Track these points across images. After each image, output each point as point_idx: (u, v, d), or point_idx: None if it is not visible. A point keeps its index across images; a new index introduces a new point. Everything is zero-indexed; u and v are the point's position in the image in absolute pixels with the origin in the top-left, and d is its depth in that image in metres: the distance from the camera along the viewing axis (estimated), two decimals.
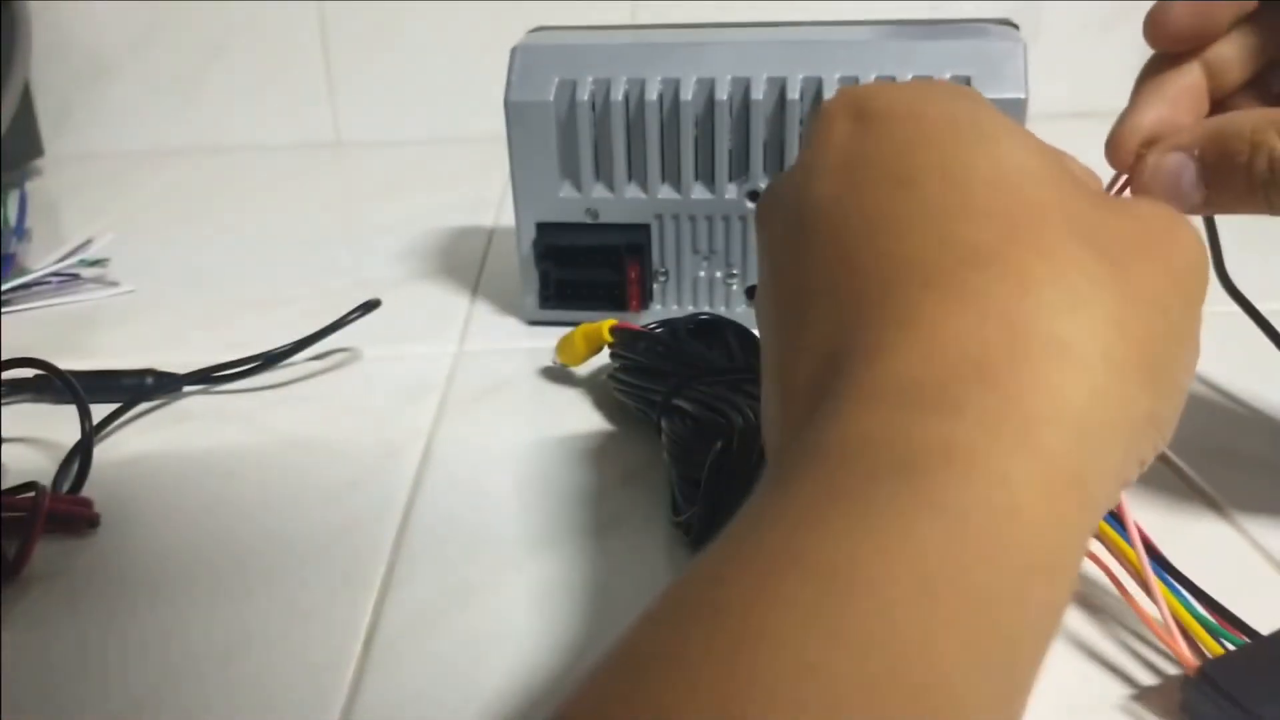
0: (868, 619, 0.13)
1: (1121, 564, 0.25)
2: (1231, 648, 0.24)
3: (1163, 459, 0.34)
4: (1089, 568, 0.26)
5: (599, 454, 0.36)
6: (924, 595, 0.13)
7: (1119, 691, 0.25)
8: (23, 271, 0.54)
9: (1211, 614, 0.25)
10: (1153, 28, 0.27)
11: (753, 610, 0.13)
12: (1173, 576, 0.26)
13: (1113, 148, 0.27)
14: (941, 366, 0.16)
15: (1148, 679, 0.25)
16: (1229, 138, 0.24)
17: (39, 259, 0.56)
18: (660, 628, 0.14)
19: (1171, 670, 0.25)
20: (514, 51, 0.44)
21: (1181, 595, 0.25)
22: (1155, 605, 0.24)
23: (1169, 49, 0.27)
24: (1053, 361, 0.16)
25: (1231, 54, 0.27)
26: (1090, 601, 0.27)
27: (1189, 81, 0.27)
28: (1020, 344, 0.16)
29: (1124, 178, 0.27)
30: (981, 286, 0.17)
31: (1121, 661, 0.26)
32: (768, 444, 0.21)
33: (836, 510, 0.14)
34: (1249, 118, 0.24)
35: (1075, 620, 0.27)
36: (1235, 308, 0.35)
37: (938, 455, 0.15)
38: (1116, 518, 0.24)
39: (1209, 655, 0.24)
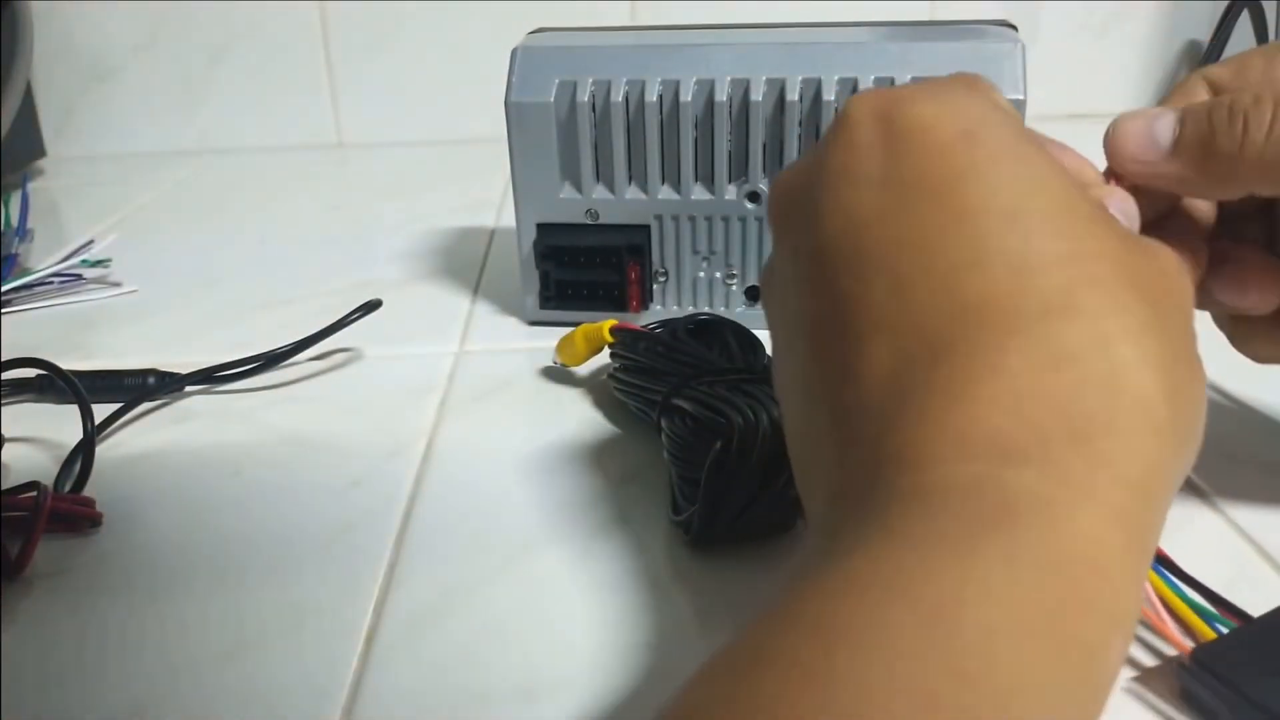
0: (972, 656, 0.14)
1: None
2: (1225, 632, 0.24)
3: None
4: None
5: (599, 454, 0.36)
6: (1025, 639, 0.14)
7: (1122, 673, 0.25)
8: (25, 272, 0.54)
9: (1205, 600, 0.25)
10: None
11: (866, 633, 0.14)
12: (1164, 565, 0.26)
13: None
14: (1033, 420, 0.16)
15: (1150, 661, 0.25)
16: (1209, 104, 0.25)
17: (41, 259, 0.56)
18: (774, 638, 0.15)
19: (1173, 654, 0.25)
20: (514, 53, 0.44)
21: (1172, 582, 0.26)
22: (1146, 592, 0.25)
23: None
24: (1136, 422, 0.17)
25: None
26: None
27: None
28: (1111, 404, 0.17)
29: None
30: (1064, 339, 0.17)
31: None
32: (805, 458, 0.21)
33: (943, 552, 0.15)
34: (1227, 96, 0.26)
35: None
36: None
37: (1036, 509, 0.16)
38: None
39: (1201, 640, 0.24)
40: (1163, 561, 0.26)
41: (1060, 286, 0.18)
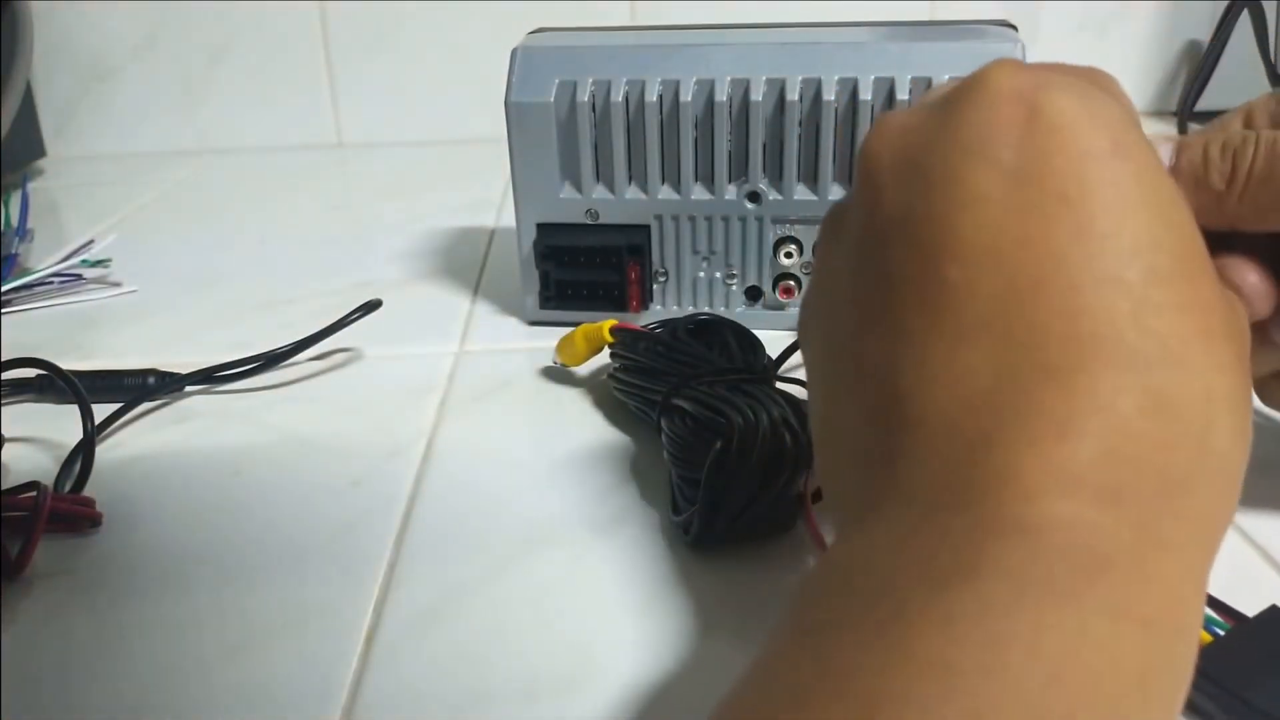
0: (1082, 706, 0.14)
1: None
2: (1221, 634, 0.24)
3: None
4: None
5: (599, 454, 0.36)
6: (1128, 692, 0.14)
7: None
8: (25, 272, 0.54)
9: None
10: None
11: (985, 678, 0.14)
12: None
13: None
14: (1130, 466, 0.16)
15: None
16: (1203, 137, 0.26)
17: (41, 259, 0.56)
18: (890, 672, 0.14)
19: None
20: (514, 53, 0.44)
21: None
22: None
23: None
24: (1219, 484, 0.17)
25: None
26: None
27: None
28: (1200, 462, 0.17)
29: None
30: (1172, 390, 0.17)
31: None
32: (842, 441, 0.20)
33: (1052, 600, 0.15)
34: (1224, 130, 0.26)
35: None
36: None
37: (1129, 561, 0.15)
38: None
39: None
40: None
41: (1176, 334, 0.17)
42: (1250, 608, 0.25)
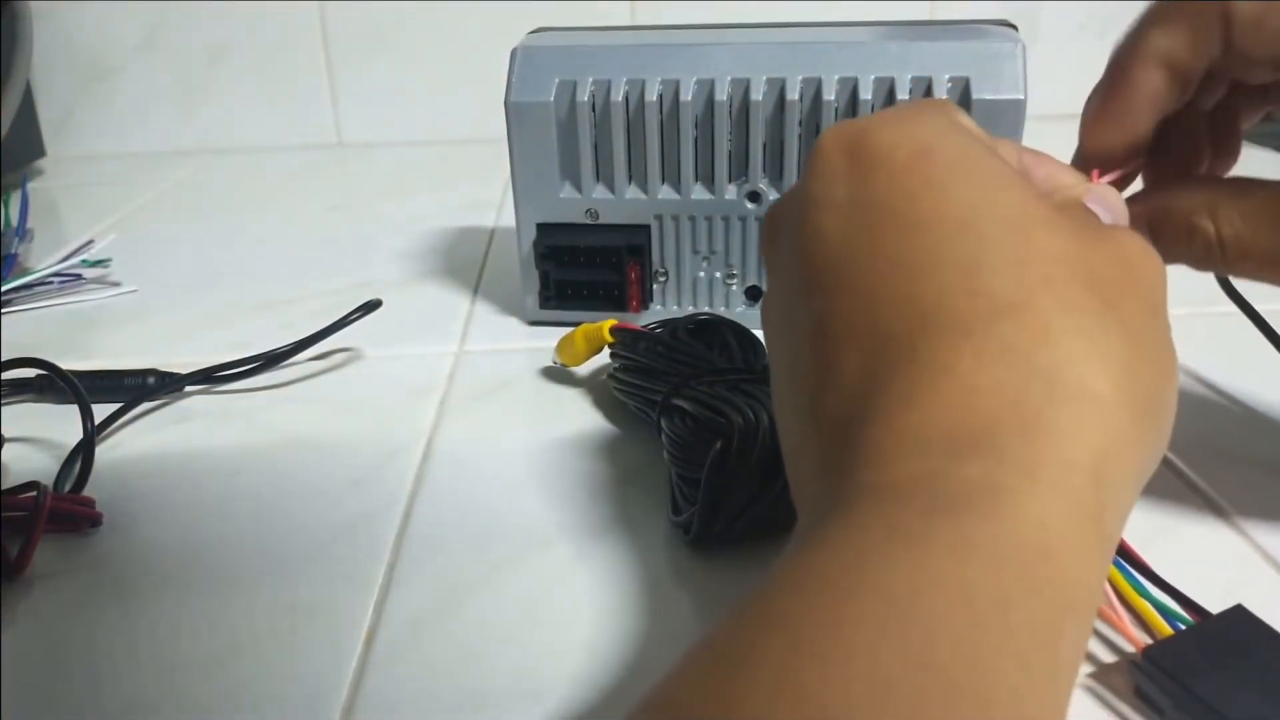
0: (926, 643, 0.14)
1: None
2: (1182, 629, 0.25)
3: (1163, 460, 0.34)
4: None
5: (599, 454, 0.36)
6: (973, 625, 0.15)
7: (1080, 669, 0.25)
8: (25, 272, 0.54)
9: (1167, 596, 0.26)
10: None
11: (832, 625, 0.15)
12: (1127, 560, 0.26)
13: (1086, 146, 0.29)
14: (982, 414, 0.17)
15: (1108, 658, 0.25)
16: (1171, 218, 0.27)
17: (41, 259, 0.56)
18: (745, 632, 0.15)
19: (1131, 650, 0.25)
20: (514, 52, 0.44)
21: (1133, 578, 0.26)
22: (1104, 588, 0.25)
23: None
24: (1081, 409, 0.18)
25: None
26: None
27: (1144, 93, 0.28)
28: (1053, 394, 0.18)
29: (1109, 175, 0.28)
30: (1013, 338, 0.18)
31: None
32: (797, 473, 0.21)
33: (896, 544, 0.16)
34: (1188, 200, 0.27)
35: None
36: (1234, 308, 0.35)
37: (984, 497, 0.16)
38: None
39: (1159, 637, 0.25)
40: (1125, 556, 0.27)
41: (1010, 287, 0.19)
42: (1251, 606, 0.25)
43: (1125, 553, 0.27)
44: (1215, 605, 0.25)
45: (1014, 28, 0.44)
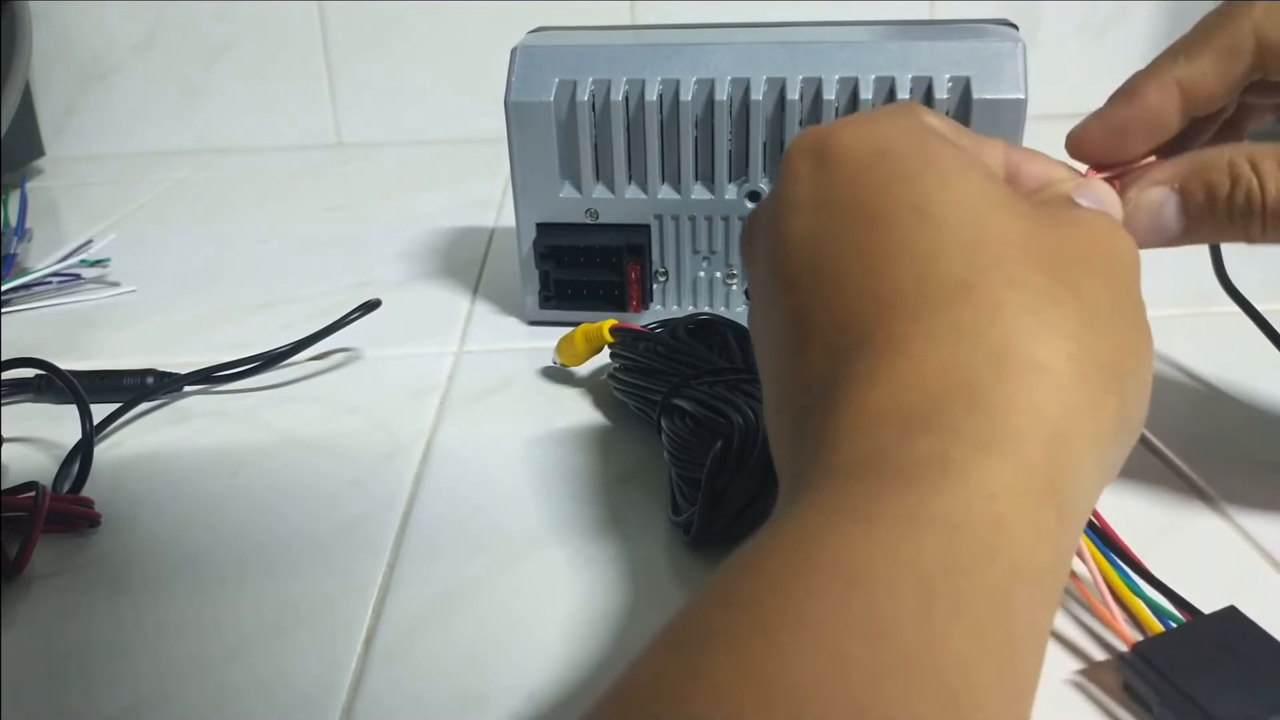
0: (879, 615, 0.15)
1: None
2: (1174, 627, 0.25)
3: (1161, 457, 0.34)
4: None
5: (599, 454, 0.36)
6: (924, 595, 0.15)
7: (1069, 665, 0.25)
8: (24, 271, 0.54)
9: (1159, 594, 0.26)
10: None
11: (789, 602, 0.15)
12: (1120, 557, 0.26)
13: (1073, 145, 0.28)
14: (933, 392, 0.18)
15: (1099, 655, 0.25)
16: (1208, 170, 0.26)
17: (40, 259, 0.56)
18: (708, 613, 0.16)
19: (1123, 648, 0.25)
20: (514, 52, 0.44)
21: (1127, 575, 0.26)
22: (1097, 584, 0.26)
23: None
24: (1030, 382, 0.18)
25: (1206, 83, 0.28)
26: None
27: (1153, 104, 0.28)
28: (1001, 368, 0.18)
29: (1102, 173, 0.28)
30: (963, 318, 0.19)
31: (1074, 636, 0.26)
32: (779, 469, 0.22)
33: (850, 520, 0.16)
34: (1224, 152, 0.26)
35: None
36: (1235, 308, 0.35)
37: (935, 471, 0.17)
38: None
39: (1150, 634, 0.25)
40: (1120, 553, 0.27)
41: (961, 270, 0.19)
42: (1251, 607, 0.25)
43: (1120, 549, 0.27)
44: (1215, 604, 0.25)
45: (1014, 27, 0.44)
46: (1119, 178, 0.27)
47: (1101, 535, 0.27)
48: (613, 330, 0.39)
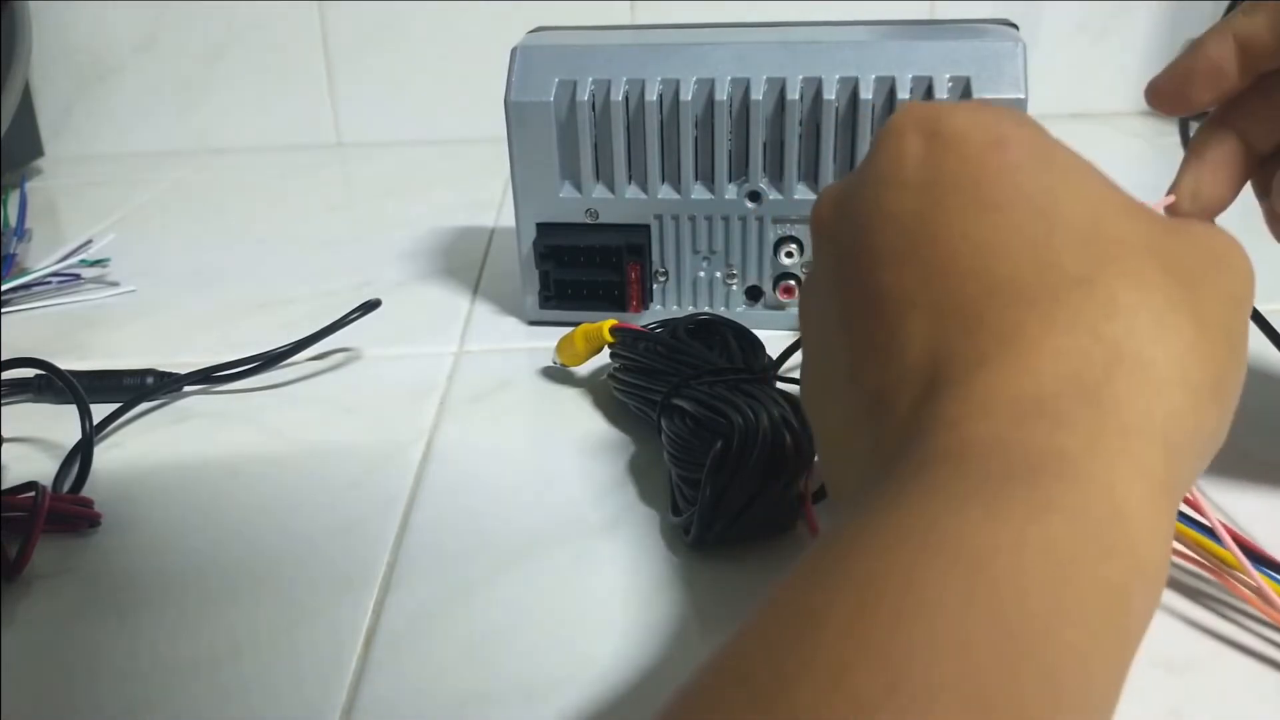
0: (1007, 603, 0.14)
1: (1209, 560, 0.27)
2: None
3: None
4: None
5: (599, 454, 0.36)
6: (1054, 585, 0.15)
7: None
8: (23, 271, 0.54)
9: None
10: (1147, 95, 0.31)
11: (911, 586, 0.15)
12: (1266, 565, 0.26)
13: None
14: (1047, 382, 0.18)
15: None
16: None
17: (39, 259, 0.56)
18: (815, 594, 0.15)
19: None
20: (514, 52, 0.44)
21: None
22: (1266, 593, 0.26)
23: (1163, 110, 0.31)
24: (1141, 381, 0.18)
25: (1260, 125, 0.30)
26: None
27: (1227, 145, 0.30)
28: (1114, 364, 0.18)
29: None
30: (1079, 309, 0.19)
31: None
32: (840, 451, 0.22)
33: (973, 506, 0.16)
34: None
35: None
36: None
37: (1054, 463, 0.17)
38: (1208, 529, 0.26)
39: None
40: (1267, 563, 0.26)
41: (1080, 264, 0.19)
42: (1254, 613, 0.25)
43: (1262, 558, 0.26)
44: None
45: (1014, 27, 0.44)
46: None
47: (1254, 555, 0.27)
48: (613, 330, 0.39)
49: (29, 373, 0.41)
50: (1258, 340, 0.35)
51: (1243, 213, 0.31)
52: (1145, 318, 0.19)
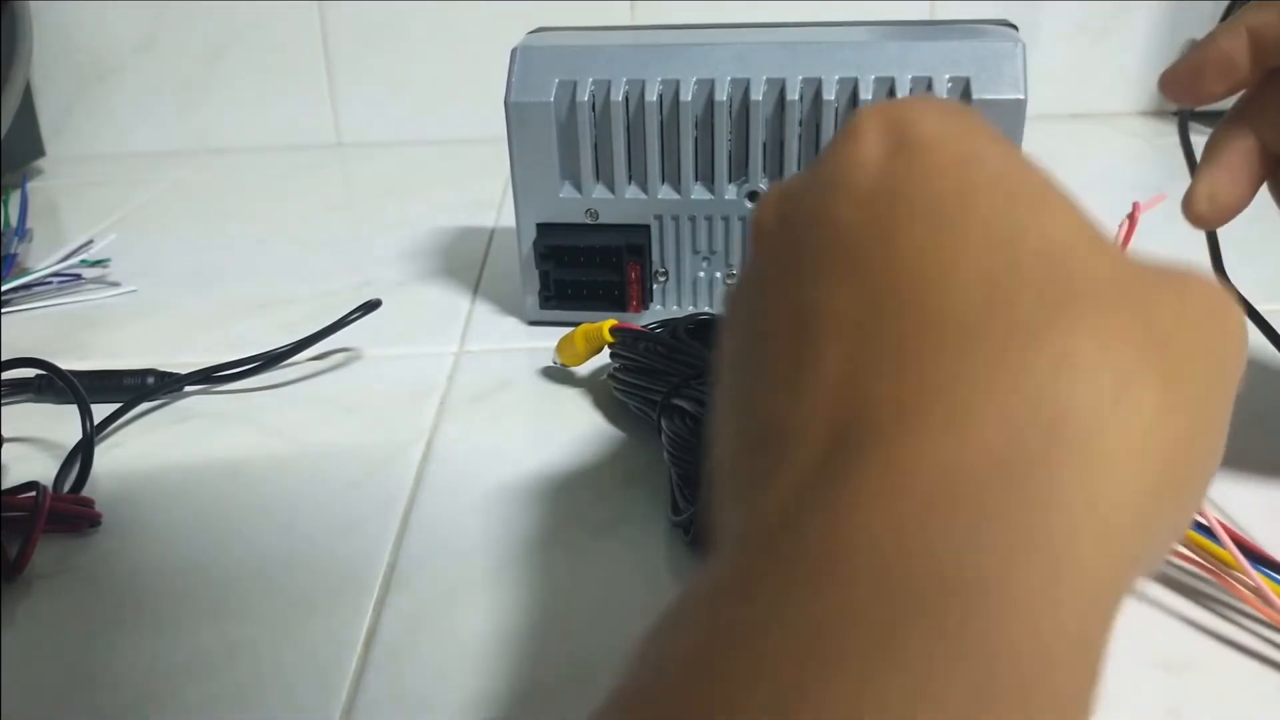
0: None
1: (1207, 560, 0.27)
2: None
3: None
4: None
5: (599, 454, 0.36)
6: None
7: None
8: (24, 272, 0.54)
9: None
10: (1161, 85, 0.32)
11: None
12: (1266, 565, 0.27)
13: (1187, 209, 0.32)
14: (973, 457, 0.15)
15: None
16: None
17: (40, 259, 0.56)
18: (673, 674, 0.14)
19: None
20: (514, 52, 0.44)
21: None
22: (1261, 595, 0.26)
23: (1176, 100, 0.32)
24: (1086, 460, 0.15)
25: (1276, 124, 0.31)
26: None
27: (1243, 146, 0.31)
28: (1056, 437, 0.15)
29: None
30: (1027, 362, 0.15)
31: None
32: (726, 482, 0.19)
33: (856, 639, 0.13)
34: None
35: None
36: None
37: (968, 583, 0.14)
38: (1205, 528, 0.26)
39: None
40: (1266, 563, 0.26)
41: (1038, 307, 0.16)
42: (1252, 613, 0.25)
43: (1262, 557, 0.26)
44: None
45: (1014, 27, 0.44)
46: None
47: (1252, 554, 0.26)
48: (613, 330, 0.39)
49: (30, 373, 0.41)
50: (1258, 340, 0.35)
51: (1255, 216, 0.32)
52: (1106, 379, 0.15)
